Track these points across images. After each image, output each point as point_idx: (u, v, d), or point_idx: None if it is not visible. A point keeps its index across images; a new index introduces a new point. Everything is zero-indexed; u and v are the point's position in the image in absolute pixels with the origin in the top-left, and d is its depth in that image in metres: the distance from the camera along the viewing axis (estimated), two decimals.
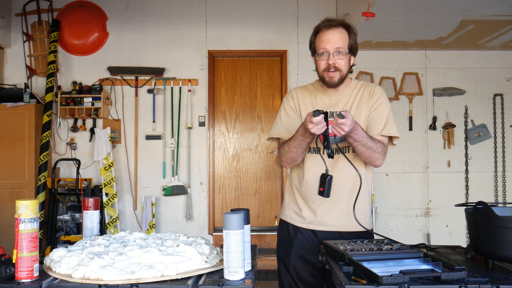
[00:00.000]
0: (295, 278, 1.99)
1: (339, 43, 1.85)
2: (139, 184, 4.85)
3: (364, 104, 1.94)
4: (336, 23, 1.87)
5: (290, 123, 2.00)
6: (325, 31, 1.87)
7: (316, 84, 2.05)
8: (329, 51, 1.85)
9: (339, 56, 1.85)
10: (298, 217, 2.00)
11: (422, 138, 4.91)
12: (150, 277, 1.26)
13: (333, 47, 1.84)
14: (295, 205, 2.01)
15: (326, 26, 1.87)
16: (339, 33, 1.86)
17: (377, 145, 1.84)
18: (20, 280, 1.29)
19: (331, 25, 1.86)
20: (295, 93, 2.06)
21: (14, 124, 4.54)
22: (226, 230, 1.30)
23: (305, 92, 2.04)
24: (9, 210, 4.38)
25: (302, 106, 2.00)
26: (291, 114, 2.01)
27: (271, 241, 4.79)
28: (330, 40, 1.84)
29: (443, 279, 1.28)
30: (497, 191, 4.90)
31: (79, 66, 4.91)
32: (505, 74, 4.97)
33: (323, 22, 1.90)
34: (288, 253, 2.01)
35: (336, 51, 1.84)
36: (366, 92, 1.96)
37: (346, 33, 1.87)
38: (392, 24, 4.08)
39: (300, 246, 1.98)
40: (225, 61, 5.05)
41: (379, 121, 1.91)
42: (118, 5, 4.93)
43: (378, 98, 1.94)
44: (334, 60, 1.85)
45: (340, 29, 1.86)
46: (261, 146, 5.00)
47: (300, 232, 1.99)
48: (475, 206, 1.52)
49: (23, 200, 1.30)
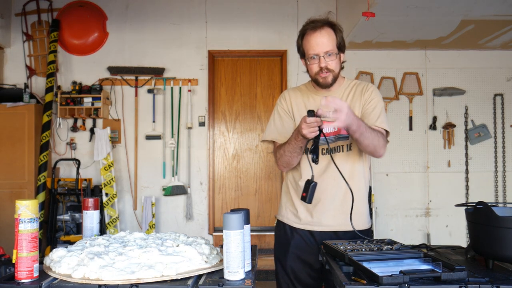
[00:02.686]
0: (293, 278, 1.99)
1: (328, 45, 1.84)
2: (139, 184, 4.85)
3: (357, 101, 1.95)
4: (321, 24, 1.85)
5: (283, 126, 2.01)
6: (312, 34, 1.85)
7: (308, 84, 2.05)
8: (319, 54, 1.84)
9: (330, 58, 1.85)
10: (294, 218, 2.00)
11: (422, 138, 4.91)
12: (150, 277, 1.26)
13: (322, 50, 1.83)
14: (291, 206, 2.01)
15: (312, 29, 1.85)
16: (326, 34, 1.84)
17: (376, 132, 1.82)
18: (20, 280, 1.29)
19: (317, 27, 1.84)
20: (287, 94, 2.06)
21: (14, 124, 4.54)
22: (226, 230, 1.30)
23: (297, 93, 2.04)
24: (9, 210, 4.37)
25: (295, 107, 2.01)
26: (283, 116, 2.02)
27: (271, 241, 4.79)
28: (319, 44, 1.83)
29: (443, 279, 1.28)
30: (497, 191, 4.90)
31: (79, 66, 4.90)
32: (505, 74, 4.97)
33: (308, 24, 1.88)
34: (285, 253, 2.00)
35: (326, 53, 1.84)
36: (359, 89, 1.97)
37: (333, 32, 1.86)
38: (392, 24, 4.08)
39: (297, 247, 1.97)
40: (225, 61, 5.05)
41: (372, 115, 1.91)
42: (118, 5, 4.93)
43: (371, 94, 1.94)
44: (325, 63, 1.85)
45: (326, 30, 1.85)
46: (261, 146, 5.00)
47: (297, 233, 1.99)
48: (475, 206, 1.52)
49: (23, 200, 1.30)
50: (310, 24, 1.87)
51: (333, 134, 1.93)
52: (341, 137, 1.93)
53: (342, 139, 1.93)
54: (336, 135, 1.93)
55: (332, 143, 1.93)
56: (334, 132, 1.93)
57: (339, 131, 1.92)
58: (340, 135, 1.92)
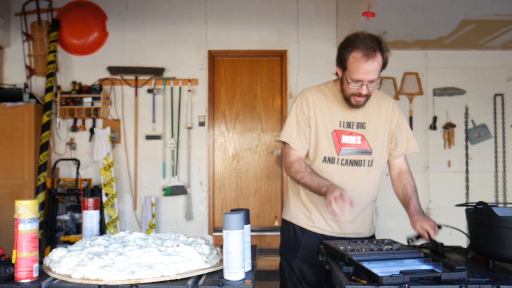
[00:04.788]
0: (300, 278, 2.00)
1: (375, 74, 1.75)
2: (139, 184, 4.85)
3: (383, 119, 1.94)
4: (374, 49, 1.72)
5: (302, 131, 1.93)
6: (363, 60, 1.72)
7: (332, 87, 1.96)
8: (363, 82, 1.76)
9: (371, 84, 1.79)
10: (306, 219, 1.99)
11: (422, 138, 4.91)
12: (150, 277, 1.26)
13: (368, 79, 1.75)
14: (302, 207, 2.00)
15: (364, 54, 1.71)
16: (377, 63, 1.74)
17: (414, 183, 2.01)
18: (20, 280, 1.29)
19: (370, 54, 1.71)
20: (310, 97, 1.94)
21: (13, 124, 4.53)
22: (226, 230, 1.30)
23: (320, 95, 1.95)
24: (9, 210, 4.37)
25: (318, 112, 1.92)
26: (301, 122, 1.93)
27: (271, 241, 4.79)
28: (367, 73, 1.73)
29: (444, 279, 1.28)
30: (497, 191, 4.90)
31: (78, 66, 4.90)
32: (505, 74, 4.97)
33: (361, 42, 1.73)
34: (294, 254, 2.00)
35: (370, 81, 1.77)
36: (384, 108, 1.95)
37: (381, 58, 1.76)
38: (392, 24, 4.07)
39: (307, 248, 1.97)
40: (225, 61, 5.05)
41: (404, 141, 1.99)
42: (117, 4, 4.93)
43: (398, 117, 1.97)
44: (367, 90, 1.79)
45: (378, 58, 1.74)
46: (261, 146, 5.00)
47: (308, 234, 1.99)
48: (475, 206, 1.52)
49: (22, 200, 1.30)
50: (363, 43, 1.73)
51: (355, 146, 1.90)
52: (364, 151, 1.91)
53: (366, 154, 1.91)
54: (358, 148, 1.90)
55: (354, 155, 1.90)
56: (356, 145, 1.90)
57: (362, 144, 1.90)
58: (363, 149, 1.90)
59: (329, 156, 1.90)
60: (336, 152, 1.89)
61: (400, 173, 2.03)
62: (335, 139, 1.89)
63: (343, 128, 1.90)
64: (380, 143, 1.94)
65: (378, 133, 1.92)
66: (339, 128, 1.90)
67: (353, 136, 1.88)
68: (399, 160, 2.03)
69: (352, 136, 1.87)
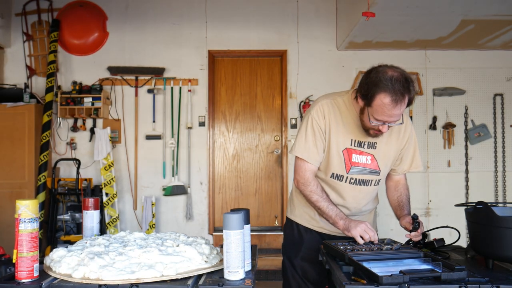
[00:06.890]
0: (302, 276, 2.02)
1: (400, 116, 1.73)
2: (139, 184, 4.85)
3: (394, 139, 1.94)
4: (403, 95, 1.65)
5: (321, 144, 1.90)
6: (391, 107, 1.65)
7: (348, 101, 1.90)
8: (386, 122, 1.73)
9: (394, 123, 1.76)
10: (310, 219, 2.02)
11: (422, 138, 4.91)
12: (150, 277, 1.26)
13: (392, 120, 1.72)
14: (306, 207, 2.01)
15: (393, 99, 1.63)
16: (403, 108, 1.68)
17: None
18: (20, 280, 1.29)
19: (398, 99, 1.64)
20: (327, 111, 1.89)
21: (14, 124, 4.54)
22: (226, 230, 1.30)
23: (336, 110, 1.89)
24: (9, 210, 4.37)
25: (333, 129, 1.88)
26: (318, 136, 1.89)
27: (271, 241, 4.79)
28: (392, 116, 1.69)
29: (443, 279, 1.28)
30: (497, 191, 4.90)
31: (79, 66, 4.90)
32: (505, 74, 4.97)
33: (392, 87, 1.63)
34: (297, 253, 2.03)
35: (393, 121, 1.74)
36: (396, 126, 1.89)
37: (408, 99, 1.68)
38: (392, 24, 4.08)
39: (310, 247, 2.00)
40: (225, 61, 5.05)
41: (408, 160, 2.01)
42: (118, 5, 4.93)
43: (409, 135, 1.97)
44: (387, 129, 1.76)
45: (404, 103, 1.67)
46: (261, 146, 5.00)
47: (311, 233, 2.02)
48: (475, 206, 1.52)
49: (23, 200, 1.30)
50: (393, 88, 1.64)
51: (364, 166, 1.90)
52: (373, 172, 1.92)
53: (374, 174, 1.93)
54: (368, 168, 1.91)
55: (363, 175, 1.91)
56: (365, 164, 1.90)
57: (371, 165, 1.90)
58: (372, 169, 1.91)
59: (338, 173, 1.90)
60: (345, 171, 1.89)
61: (397, 184, 2.06)
62: (345, 157, 1.88)
63: (354, 147, 1.88)
64: (389, 163, 1.96)
65: (388, 154, 1.93)
66: (350, 147, 1.88)
67: (364, 155, 1.88)
68: (400, 175, 2.06)
69: (363, 155, 1.87)
